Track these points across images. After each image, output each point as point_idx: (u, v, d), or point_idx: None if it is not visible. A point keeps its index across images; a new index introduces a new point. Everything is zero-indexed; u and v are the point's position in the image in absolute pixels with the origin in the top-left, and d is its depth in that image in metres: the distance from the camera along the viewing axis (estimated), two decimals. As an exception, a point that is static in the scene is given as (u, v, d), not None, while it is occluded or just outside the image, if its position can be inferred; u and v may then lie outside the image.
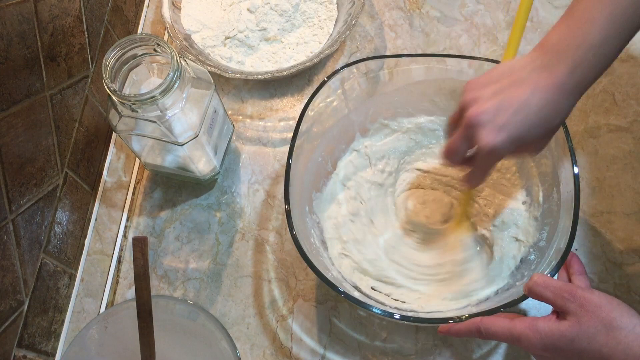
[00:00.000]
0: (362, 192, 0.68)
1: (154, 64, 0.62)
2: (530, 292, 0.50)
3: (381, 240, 0.66)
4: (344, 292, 0.54)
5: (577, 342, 0.45)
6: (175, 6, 0.79)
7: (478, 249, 0.64)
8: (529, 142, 0.50)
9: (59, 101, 0.64)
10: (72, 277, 0.68)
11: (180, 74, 0.57)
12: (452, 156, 0.54)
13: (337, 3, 0.81)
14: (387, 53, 0.79)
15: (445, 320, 0.53)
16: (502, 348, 0.62)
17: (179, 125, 0.60)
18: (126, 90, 0.60)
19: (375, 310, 0.53)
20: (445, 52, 0.78)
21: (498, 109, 0.48)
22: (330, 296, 0.66)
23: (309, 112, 0.62)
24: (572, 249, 0.53)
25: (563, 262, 0.52)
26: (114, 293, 0.69)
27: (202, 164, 0.68)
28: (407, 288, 0.62)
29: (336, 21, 0.80)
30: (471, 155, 0.54)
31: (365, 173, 0.69)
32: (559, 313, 0.48)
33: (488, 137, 0.49)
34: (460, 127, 0.52)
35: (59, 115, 0.64)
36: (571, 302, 0.46)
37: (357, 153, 0.69)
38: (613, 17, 0.46)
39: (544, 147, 0.53)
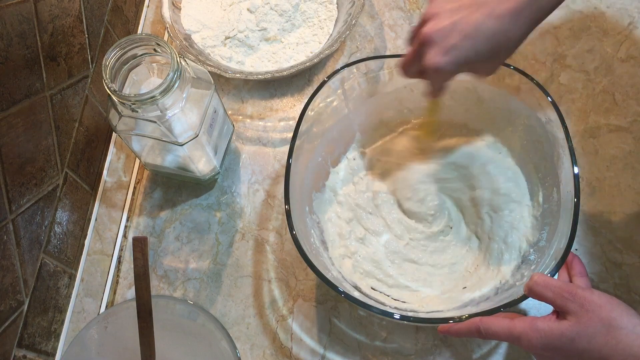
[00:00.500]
0: (361, 194, 0.68)
1: (154, 64, 0.62)
2: (530, 292, 0.50)
3: (382, 240, 0.66)
4: (344, 292, 0.54)
5: (577, 341, 0.45)
6: (175, 6, 0.79)
7: (477, 248, 0.64)
8: (477, 65, 0.51)
9: (59, 101, 0.64)
10: (72, 277, 0.68)
11: (180, 74, 0.57)
12: (405, 69, 0.56)
13: (337, 3, 0.81)
14: (387, 53, 0.79)
15: (445, 320, 0.53)
16: (502, 348, 0.62)
17: (179, 125, 0.60)
18: (126, 90, 0.60)
19: (375, 310, 0.53)
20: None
21: (451, 30, 0.49)
22: (330, 296, 0.66)
23: (309, 112, 0.62)
24: (572, 249, 0.53)
25: (563, 262, 0.52)
26: (114, 293, 0.69)
27: (202, 164, 0.68)
28: (408, 288, 0.62)
29: (336, 21, 0.80)
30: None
31: (363, 176, 0.69)
32: (559, 313, 0.48)
33: (434, 57, 0.50)
34: (415, 41, 0.53)
35: (59, 115, 0.64)
36: (571, 302, 0.46)
37: (356, 154, 0.69)
38: None
39: (494, 71, 0.53)
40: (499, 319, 0.50)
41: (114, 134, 0.77)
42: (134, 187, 0.74)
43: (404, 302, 0.61)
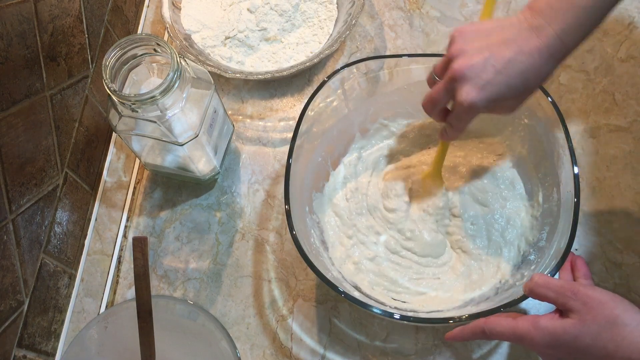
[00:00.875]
0: (359, 195, 0.68)
1: (154, 64, 0.62)
2: (532, 293, 0.50)
3: (382, 240, 0.66)
4: (344, 292, 0.54)
5: (581, 339, 0.45)
6: (175, 6, 0.79)
7: (475, 246, 0.64)
8: (505, 102, 0.51)
9: (59, 101, 0.64)
10: (72, 277, 0.68)
11: (180, 74, 0.57)
12: (431, 107, 0.55)
13: (337, 3, 0.81)
14: (387, 53, 0.79)
15: (445, 320, 0.53)
16: (502, 348, 0.62)
17: (179, 125, 0.60)
18: (126, 90, 0.60)
19: (375, 310, 0.53)
20: (445, 52, 0.78)
21: (484, 66, 0.49)
22: (330, 296, 0.66)
23: (309, 112, 0.62)
24: (572, 249, 0.53)
25: (563, 262, 0.52)
26: (114, 293, 0.69)
27: (202, 164, 0.68)
28: (407, 289, 0.62)
29: (336, 21, 0.80)
30: (449, 109, 0.54)
31: (363, 177, 0.69)
32: (562, 311, 0.48)
33: (469, 93, 0.49)
34: (444, 77, 0.52)
35: (59, 115, 0.64)
36: (574, 300, 0.46)
37: (356, 156, 0.69)
38: None
39: (516, 109, 0.53)
40: (503, 319, 0.50)
41: (114, 134, 0.77)
42: (134, 187, 0.74)
43: (404, 302, 0.61)
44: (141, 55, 0.59)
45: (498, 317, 0.50)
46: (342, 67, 0.64)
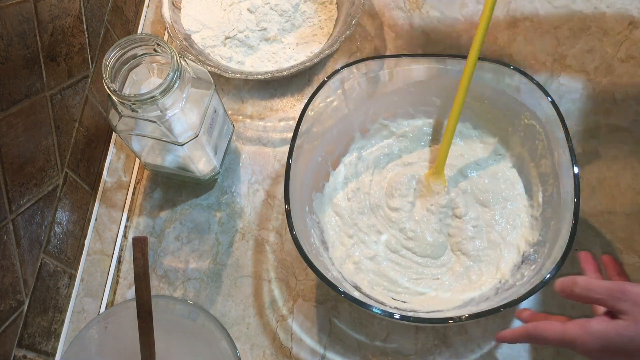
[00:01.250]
0: (361, 194, 0.68)
1: (154, 64, 0.62)
2: (577, 297, 0.48)
3: (382, 239, 0.66)
4: (344, 292, 0.54)
5: (638, 339, 0.44)
6: (175, 6, 0.79)
7: (477, 248, 0.64)
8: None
9: (59, 101, 0.64)
10: (72, 277, 0.68)
11: (180, 74, 0.57)
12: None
13: (337, 3, 0.81)
14: (387, 53, 0.79)
15: (445, 320, 0.53)
16: (503, 348, 0.62)
17: (179, 125, 0.60)
18: (126, 90, 0.60)
19: (375, 310, 0.53)
20: (445, 52, 0.78)
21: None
22: (330, 296, 0.66)
23: (309, 112, 0.62)
24: (572, 249, 0.53)
25: (563, 262, 0.52)
26: (114, 293, 0.69)
27: (202, 164, 0.68)
28: (407, 289, 0.63)
29: (336, 21, 0.80)
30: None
31: (364, 177, 0.69)
32: (612, 313, 0.46)
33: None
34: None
35: (59, 115, 0.64)
36: (624, 301, 0.44)
37: (356, 155, 0.69)
38: None
39: None
40: (551, 324, 0.48)
41: (114, 134, 0.77)
42: (134, 187, 0.74)
43: (404, 302, 0.61)
44: (141, 55, 0.59)
45: (547, 322, 0.49)
46: (342, 67, 0.64)
